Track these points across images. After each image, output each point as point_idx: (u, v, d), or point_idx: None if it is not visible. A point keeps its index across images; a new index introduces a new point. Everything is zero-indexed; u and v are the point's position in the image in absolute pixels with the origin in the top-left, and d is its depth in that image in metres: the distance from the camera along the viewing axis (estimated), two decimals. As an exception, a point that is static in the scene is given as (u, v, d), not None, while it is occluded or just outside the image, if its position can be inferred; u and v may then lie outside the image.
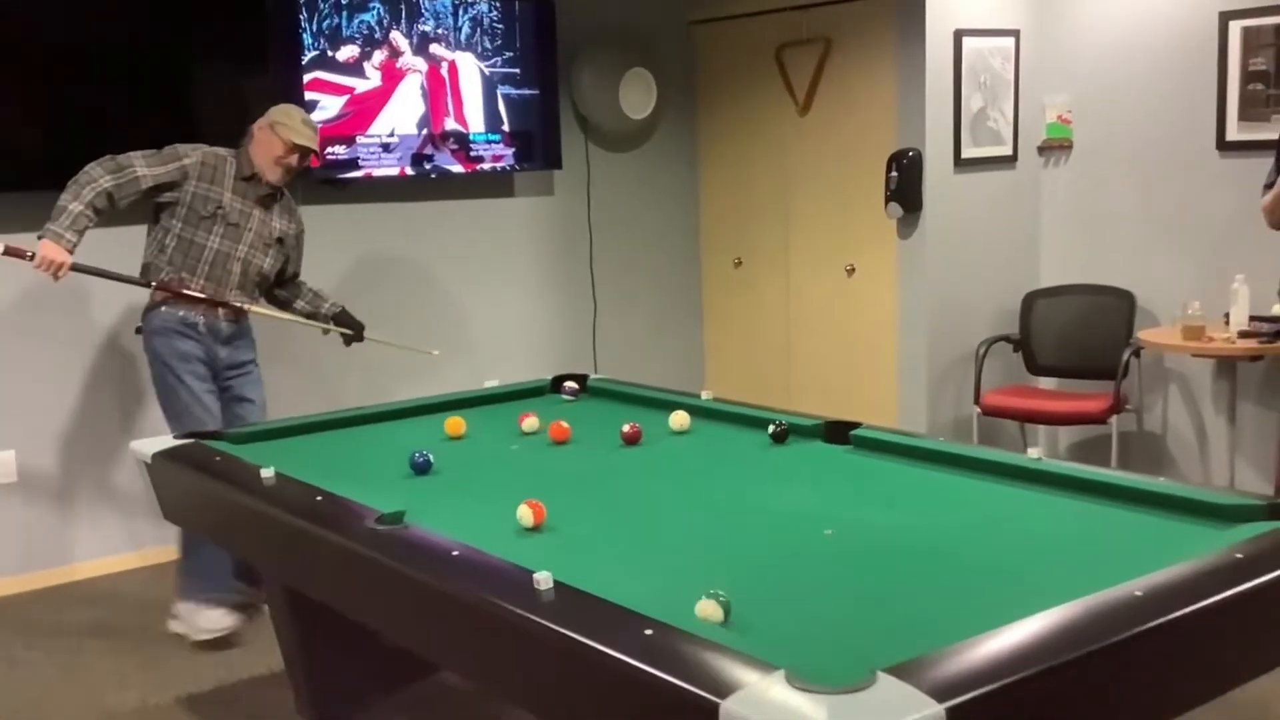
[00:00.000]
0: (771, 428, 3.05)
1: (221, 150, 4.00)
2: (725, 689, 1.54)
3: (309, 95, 4.88)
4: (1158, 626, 1.73)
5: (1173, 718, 1.93)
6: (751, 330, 6.18)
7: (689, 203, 6.31)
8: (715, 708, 1.51)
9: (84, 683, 3.73)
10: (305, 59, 4.87)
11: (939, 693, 1.49)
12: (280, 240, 4.11)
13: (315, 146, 4.04)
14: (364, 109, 5.05)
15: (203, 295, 3.93)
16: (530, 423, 3.30)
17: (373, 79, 5.06)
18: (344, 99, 4.99)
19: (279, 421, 3.50)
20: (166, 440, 3.24)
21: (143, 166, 3.83)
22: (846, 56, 5.52)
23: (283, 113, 4.02)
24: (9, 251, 3.70)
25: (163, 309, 3.95)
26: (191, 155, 3.92)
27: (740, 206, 6.13)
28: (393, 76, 5.12)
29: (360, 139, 5.05)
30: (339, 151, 4.99)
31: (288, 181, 4.07)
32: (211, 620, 3.96)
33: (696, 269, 6.38)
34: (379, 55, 5.06)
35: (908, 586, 2.07)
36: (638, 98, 5.81)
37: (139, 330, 4.04)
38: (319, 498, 2.59)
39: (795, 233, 5.90)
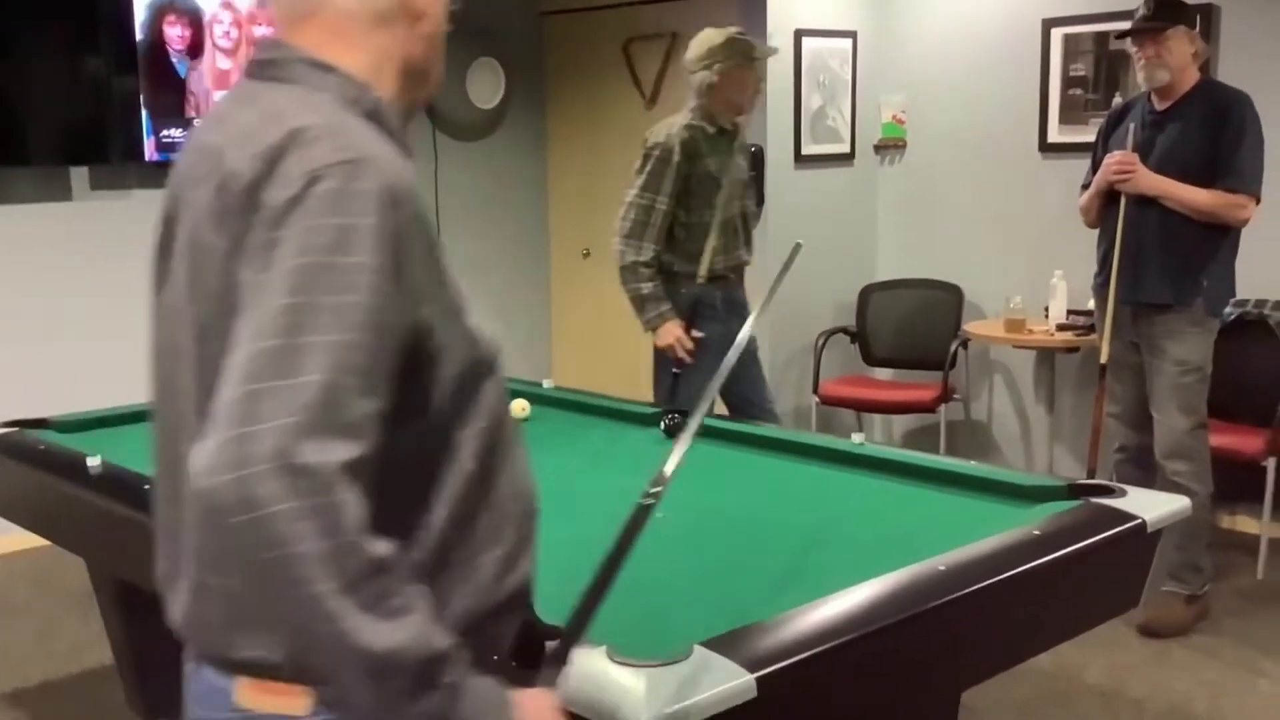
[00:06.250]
0: (664, 422, 3.02)
1: (679, 119, 3.82)
2: (548, 665, 1.59)
3: (142, 76, 4.75)
4: (959, 598, 1.84)
5: (975, 684, 2.06)
6: (599, 321, 6.25)
7: (537, 194, 6.34)
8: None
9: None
10: (138, 36, 4.74)
11: (750, 663, 1.56)
12: (752, 176, 4.04)
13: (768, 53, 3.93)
14: (200, 89, 4.94)
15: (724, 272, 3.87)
16: None
17: (209, 59, 4.95)
18: (179, 80, 4.87)
19: (109, 410, 3.40)
20: (-13, 429, 3.14)
21: (660, 199, 3.73)
22: (692, 52, 5.62)
23: (725, 43, 3.81)
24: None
25: (683, 293, 3.83)
26: (669, 147, 3.74)
27: (589, 198, 6.19)
28: (235, 57, 5.01)
29: (197, 121, 4.92)
30: (174, 134, 4.87)
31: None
32: None
33: (545, 259, 6.41)
34: (218, 33, 4.95)
35: (732, 565, 2.15)
36: (486, 87, 5.82)
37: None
38: (148, 486, 2.55)
39: (642, 225, 5.98)
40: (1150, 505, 2.22)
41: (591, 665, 1.59)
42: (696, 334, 3.85)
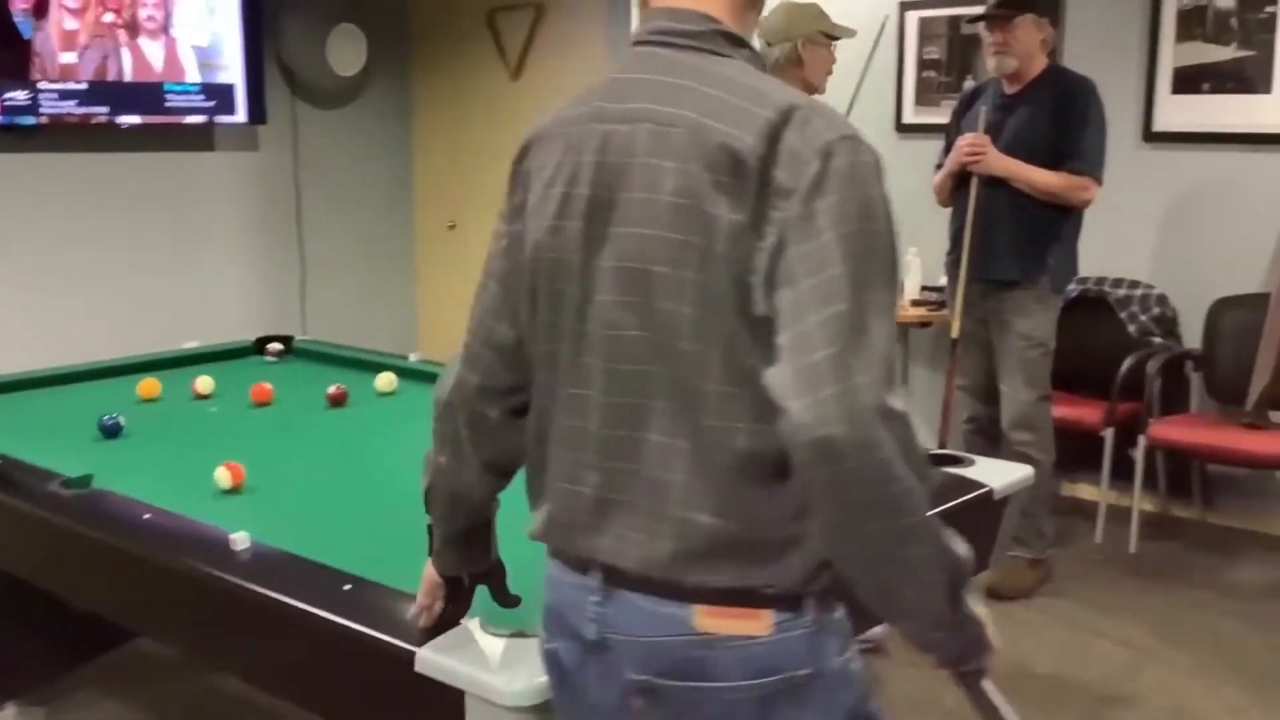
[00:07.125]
0: None
1: None
2: (420, 637, 1.61)
3: (-15, 34, 4.54)
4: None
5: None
6: (465, 293, 6.15)
7: (401, 164, 6.26)
8: (412, 655, 1.58)
9: None
10: (-20, -5, 4.53)
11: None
12: None
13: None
14: (46, 50, 4.74)
15: None
16: (205, 383, 3.23)
17: (55, 20, 4.76)
18: (23, 41, 4.67)
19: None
20: None
21: None
22: (559, 24, 5.61)
23: (814, 17, 3.57)
24: None
25: None
26: None
27: (454, 170, 6.13)
28: (83, 18, 4.82)
29: (43, 84, 4.73)
30: (18, 97, 4.66)
31: None
32: None
33: (409, 231, 6.34)
34: (65, -5, 4.77)
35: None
36: (346, 54, 5.70)
37: None
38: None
39: (507, 197, 5.96)
40: (997, 474, 2.32)
41: (462, 637, 1.61)
42: None
